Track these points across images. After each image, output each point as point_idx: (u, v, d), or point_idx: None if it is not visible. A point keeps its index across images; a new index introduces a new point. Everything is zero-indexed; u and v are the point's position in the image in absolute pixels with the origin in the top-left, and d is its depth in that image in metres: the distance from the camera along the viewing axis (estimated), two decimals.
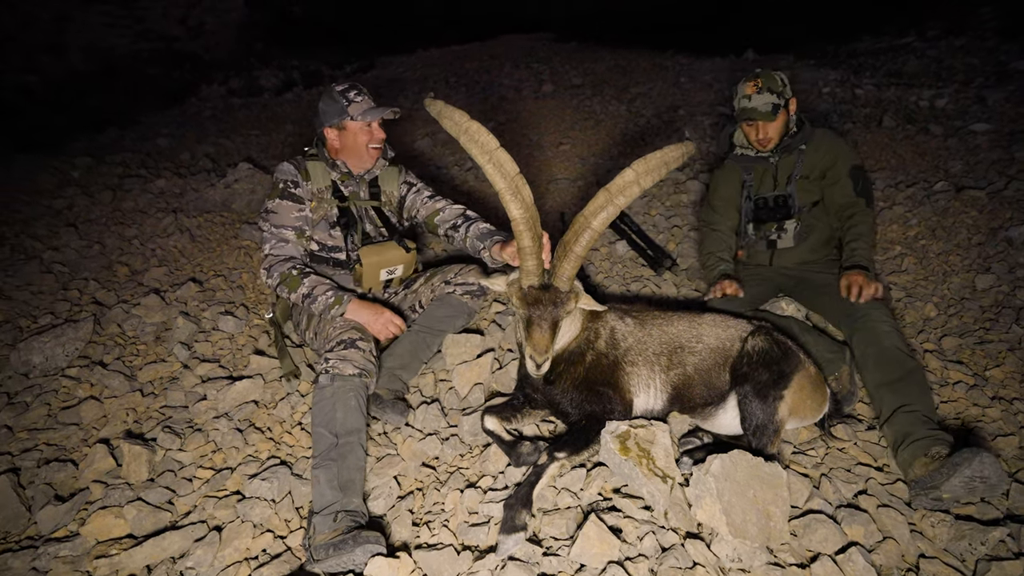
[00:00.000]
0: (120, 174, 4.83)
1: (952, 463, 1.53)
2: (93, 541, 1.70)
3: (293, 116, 7.00)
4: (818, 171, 2.40)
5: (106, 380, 2.38)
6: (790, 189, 2.41)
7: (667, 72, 7.74)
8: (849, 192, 2.36)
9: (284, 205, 2.19)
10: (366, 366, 1.92)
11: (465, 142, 1.58)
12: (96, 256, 3.45)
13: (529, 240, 1.59)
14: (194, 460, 2.01)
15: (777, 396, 1.75)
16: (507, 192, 1.56)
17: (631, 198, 1.56)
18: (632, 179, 1.55)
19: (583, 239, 1.58)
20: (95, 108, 8.24)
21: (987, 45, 6.86)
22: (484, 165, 1.56)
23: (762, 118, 2.28)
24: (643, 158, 1.56)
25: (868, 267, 2.22)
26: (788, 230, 2.44)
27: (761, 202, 2.46)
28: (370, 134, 2.22)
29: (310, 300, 2.09)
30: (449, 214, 2.37)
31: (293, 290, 2.10)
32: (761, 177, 2.49)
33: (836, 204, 2.39)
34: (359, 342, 1.97)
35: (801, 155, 2.40)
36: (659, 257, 3.11)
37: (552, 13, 14.13)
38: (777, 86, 2.27)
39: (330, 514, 1.58)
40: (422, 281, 2.43)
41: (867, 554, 1.46)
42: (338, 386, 1.84)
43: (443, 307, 2.36)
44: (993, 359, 2.32)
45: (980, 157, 4.10)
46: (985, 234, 3.17)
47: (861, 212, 2.34)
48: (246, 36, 12.11)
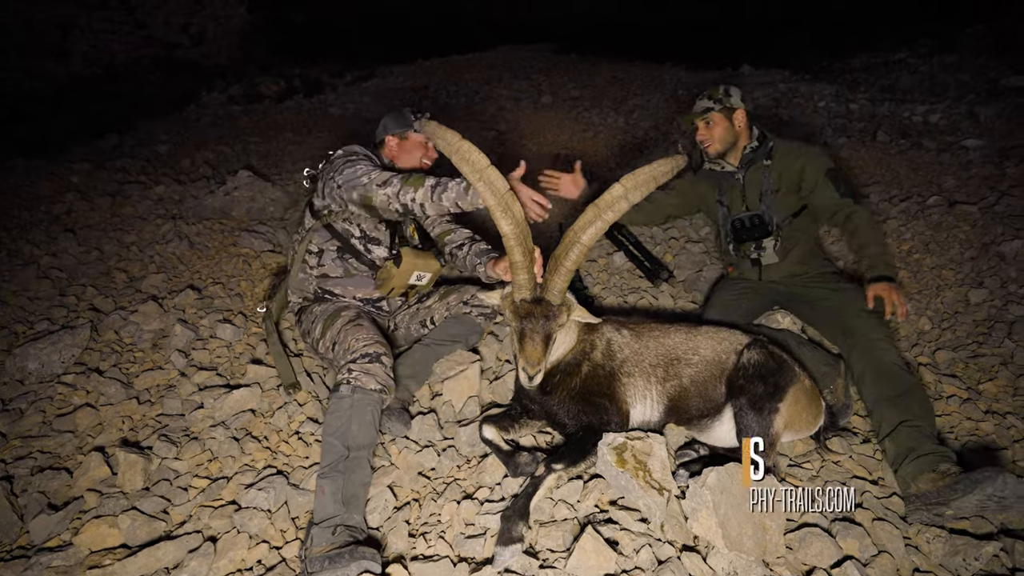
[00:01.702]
0: (119, 180, 4.83)
1: (972, 480, 1.51)
2: (86, 551, 1.69)
3: (293, 124, 7.03)
4: (790, 182, 2.42)
5: (102, 387, 2.37)
6: (763, 206, 2.45)
7: (664, 85, 7.83)
8: (832, 195, 2.34)
9: (368, 159, 2.15)
10: (387, 382, 1.92)
11: (457, 161, 1.63)
12: (94, 262, 3.45)
13: (520, 255, 1.62)
14: (190, 469, 2.00)
15: (773, 409, 1.77)
16: (497, 209, 1.59)
17: (620, 213, 1.57)
18: (620, 194, 1.57)
19: (573, 253, 1.60)
20: (96, 114, 8.26)
21: (978, 62, 6.98)
22: (475, 183, 1.60)
23: (693, 116, 2.49)
24: (631, 173, 1.57)
25: (893, 277, 2.15)
26: (767, 248, 2.46)
27: (738, 223, 2.50)
28: (425, 149, 2.34)
29: (441, 189, 1.87)
30: (458, 236, 2.46)
31: (419, 186, 1.88)
32: (730, 195, 2.54)
33: (823, 210, 2.38)
34: (383, 357, 1.96)
35: (768, 170, 2.44)
36: (656, 269, 3.13)
37: (552, 26, 14.29)
38: (717, 94, 2.45)
39: (329, 527, 1.58)
40: (436, 298, 2.44)
41: (862, 568, 1.47)
42: (358, 398, 1.83)
43: (458, 325, 2.39)
44: (986, 373, 2.34)
45: (972, 172, 4.16)
46: (977, 249, 3.21)
47: (855, 214, 2.30)
48: (247, 44, 12.19)
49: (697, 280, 3.11)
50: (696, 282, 3.10)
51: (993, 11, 8.07)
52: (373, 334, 2.04)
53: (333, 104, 8.02)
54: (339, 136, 5.84)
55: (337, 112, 7.51)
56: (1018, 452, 1.93)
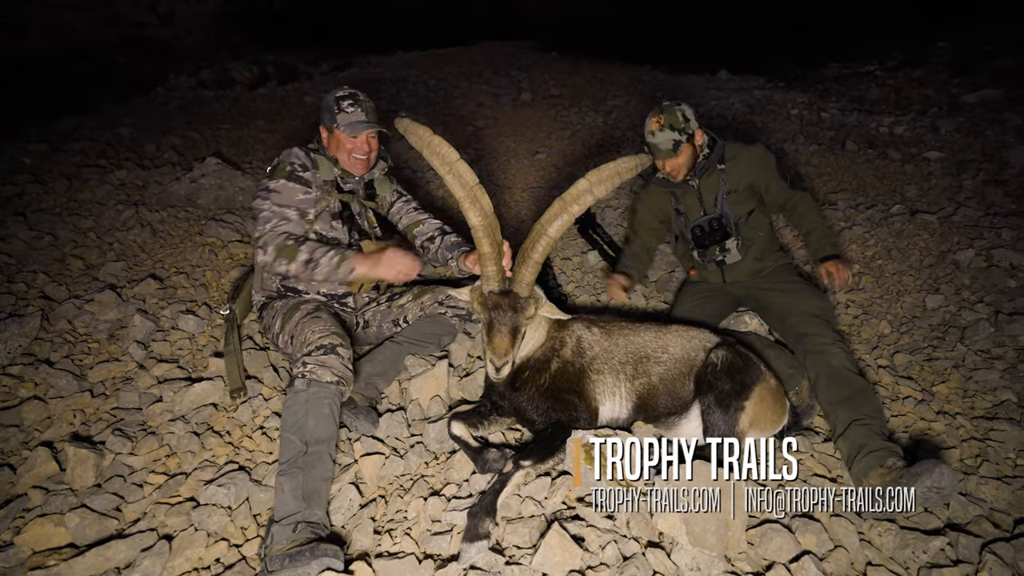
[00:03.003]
0: (77, 163, 4.60)
1: (912, 473, 1.59)
2: (29, 551, 1.61)
3: (265, 112, 6.84)
4: (744, 183, 2.47)
5: (52, 379, 2.26)
6: (720, 209, 2.47)
7: (644, 87, 7.92)
8: (782, 188, 2.49)
9: (289, 186, 2.12)
10: (344, 373, 1.88)
11: (427, 155, 1.69)
12: (47, 248, 3.28)
13: (488, 247, 1.67)
14: (146, 465, 1.93)
15: (739, 407, 1.80)
16: (466, 201, 1.65)
17: (585, 206, 1.64)
18: (585, 188, 1.63)
19: (540, 246, 1.65)
20: (55, 94, 7.86)
21: (941, 78, 7.28)
22: (445, 176, 1.66)
23: (663, 156, 2.33)
24: (597, 168, 1.65)
25: (839, 254, 2.39)
26: (731, 249, 2.50)
27: (698, 230, 2.50)
28: (353, 144, 2.23)
29: (312, 266, 1.97)
30: (427, 227, 2.43)
31: (292, 259, 1.97)
32: (688, 202, 2.54)
33: (776, 204, 2.53)
34: (339, 348, 1.92)
35: (723, 174, 2.45)
36: None
37: (535, 23, 14.29)
38: (679, 123, 2.28)
39: (290, 524, 1.54)
40: (410, 297, 2.39)
41: (819, 562, 1.51)
42: (313, 392, 1.79)
43: (432, 325, 2.36)
44: (939, 375, 2.44)
45: (932, 183, 4.34)
46: (935, 256, 3.34)
47: (800, 202, 2.50)
48: (220, 27, 11.80)
49: (669, 281, 3.15)
50: (668, 283, 3.14)
51: (955, 30, 8.43)
52: (329, 326, 2.00)
53: (308, 92, 7.84)
54: (313, 125, 5.71)
55: (312, 101, 7.33)
56: (965, 451, 2.02)
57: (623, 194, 4.35)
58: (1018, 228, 3.49)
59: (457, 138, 5.69)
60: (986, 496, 1.81)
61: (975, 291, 2.98)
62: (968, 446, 2.04)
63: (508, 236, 1.87)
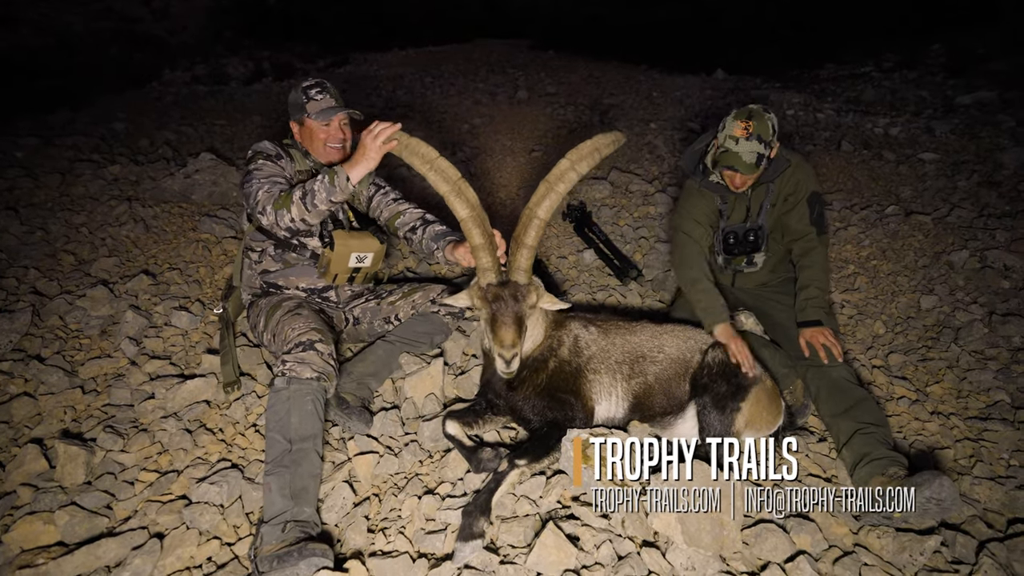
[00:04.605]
0: (70, 158, 4.55)
1: (912, 484, 1.57)
2: (17, 549, 1.58)
3: (261, 108, 6.79)
4: (782, 197, 2.29)
5: (43, 375, 2.23)
6: (761, 220, 2.28)
7: (640, 86, 7.91)
8: (804, 218, 2.23)
9: (270, 164, 2.11)
10: (325, 369, 1.86)
11: (407, 156, 1.73)
12: (38, 243, 3.24)
13: (479, 237, 1.68)
14: (137, 462, 1.90)
15: (735, 408, 1.80)
16: (451, 194, 1.67)
17: (570, 184, 1.67)
18: (567, 167, 1.65)
19: (531, 229, 1.66)
20: (47, 88, 7.78)
21: (936, 80, 7.32)
22: (427, 174, 1.69)
23: (745, 170, 2.03)
24: (576, 147, 1.69)
25: (822, 320, 2.12)
26: (758, 263, 2.37)
27: (732, 236, 2.31)
28: (327, 133, 2.18)
29: (309, 196, 1.88)
30: (409, 217, 2.38)
31: (288, 205, 1.90)
32: (734, 206, 2.34)
33: (790, 229, 2.28)
34: (318, 344, 1.90)
35: (772, 184, 2.26)
36: (625, 267, 3.16)
37: (532, 21, 14.26)
38: (768, 134, 2.00)
39: (279, 524, 1.52)
40: (400, 295, 2.36)
41: (814, 563, 1.51)
42: (294, 389, 1.77)
43: (424, 323, 2.33)
44: (933, 376, 2.45)
45: (927, 184, 4.36)
46: (930, 257, 3.36)
47: (815, 248, 2.23)
48: (215, 23, 11.72)
49: (666, 280, 3.15)
50: (665, 282, 3.14)
51: (949, 32, 8.47)
52: (309, 322, 1.98)
53: None
54: None
55: None
56: (959, 451, 2.03)
57: (619, 193, 4.35)
58: (1012, 229, 3.51)
59: (453, 135, 5.67)
60: (980, 496, 1.82)
61: (969, 292, 3.00)
62: (962, 446, 2.05)
63: (506, 233, 1.86)
